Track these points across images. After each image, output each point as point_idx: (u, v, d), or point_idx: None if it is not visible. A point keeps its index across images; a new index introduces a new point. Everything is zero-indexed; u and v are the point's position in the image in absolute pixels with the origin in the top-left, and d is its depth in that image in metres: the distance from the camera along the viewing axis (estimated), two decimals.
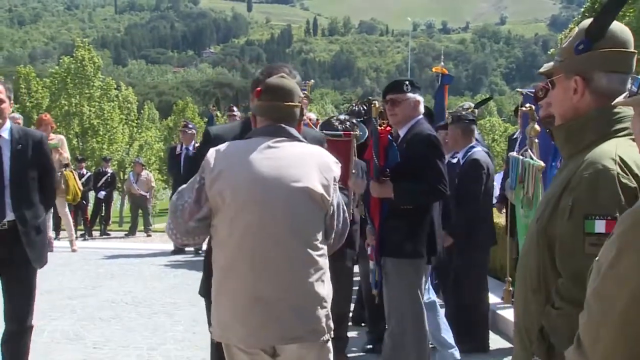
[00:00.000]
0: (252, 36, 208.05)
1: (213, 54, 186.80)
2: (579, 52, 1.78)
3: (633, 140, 1.71)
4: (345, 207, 2.39)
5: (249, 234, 2.18)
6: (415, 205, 3.77)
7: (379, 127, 3.85)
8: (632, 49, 1.80)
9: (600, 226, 1.60)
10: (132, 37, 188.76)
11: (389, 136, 3.83)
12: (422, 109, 4.02)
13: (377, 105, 3.93)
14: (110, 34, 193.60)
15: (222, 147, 2.28)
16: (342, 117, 4.59)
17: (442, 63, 6.60)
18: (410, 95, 3.91)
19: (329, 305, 2.28)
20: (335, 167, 2.31)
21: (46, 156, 3.72)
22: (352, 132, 4.26)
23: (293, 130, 2.32)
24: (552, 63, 1.89)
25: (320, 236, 2.27)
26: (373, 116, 3.86)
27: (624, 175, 1.62)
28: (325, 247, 2.29)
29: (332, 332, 2.31)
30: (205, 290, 2.49)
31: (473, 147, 5.06)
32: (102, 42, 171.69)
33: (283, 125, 2.29)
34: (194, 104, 44.25)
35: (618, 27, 1.79)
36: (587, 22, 1.79)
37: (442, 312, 4.56)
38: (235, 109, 10.00)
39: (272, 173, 2.21)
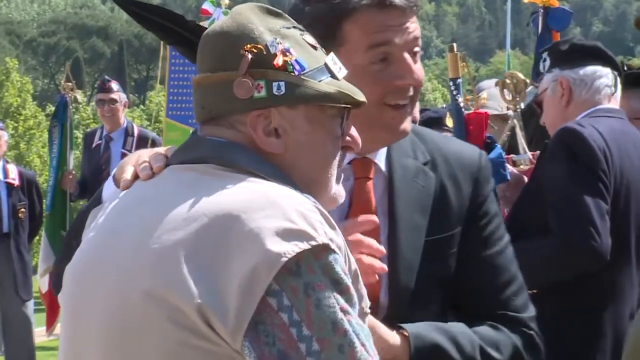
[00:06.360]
0: None
1: None
2: None
3: None
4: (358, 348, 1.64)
5: None
6: (542, 285, 3.37)
7: (461, 104, 3.87)
8: None
9: None
10: None
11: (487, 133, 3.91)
12: None
13: (455, 51, 4.01)
14: None
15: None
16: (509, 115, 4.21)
17: None
18: None
19: None
20: (292, 237, 1.59)
21: None
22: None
23: (241, 151, 1.72)
24: None
25: None
26: (451, 77, 3.88)
27: None
28: None
29: None
30: None
31: None
32: None
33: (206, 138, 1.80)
34: (21, 74, 40.89)
35: None
36: None
37: None
38: (113, 85, 8.52)
39: (110, 253, 1.81)
